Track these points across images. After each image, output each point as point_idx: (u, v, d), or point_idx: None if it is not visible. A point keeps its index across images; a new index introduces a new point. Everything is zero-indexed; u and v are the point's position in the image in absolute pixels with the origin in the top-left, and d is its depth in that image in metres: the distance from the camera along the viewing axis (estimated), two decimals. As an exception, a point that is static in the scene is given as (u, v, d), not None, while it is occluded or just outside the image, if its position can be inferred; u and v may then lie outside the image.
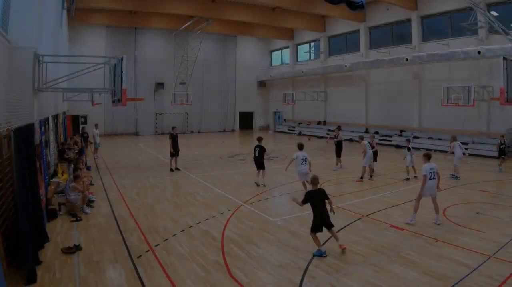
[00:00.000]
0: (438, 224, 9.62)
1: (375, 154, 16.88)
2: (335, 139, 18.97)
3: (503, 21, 15.80)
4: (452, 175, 15.84)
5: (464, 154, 16.35)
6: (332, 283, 6.62)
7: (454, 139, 16.39)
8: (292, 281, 6.71)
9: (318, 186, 8.19)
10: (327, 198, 8.02)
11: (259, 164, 14.76)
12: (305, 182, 12.76)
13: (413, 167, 15.78)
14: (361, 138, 16.44)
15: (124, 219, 10.42)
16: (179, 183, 15.50)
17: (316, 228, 7.87)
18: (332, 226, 7.91)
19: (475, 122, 24.57)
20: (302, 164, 12.87)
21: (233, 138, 36.12)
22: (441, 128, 26.37)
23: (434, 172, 9.83)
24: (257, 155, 14.80)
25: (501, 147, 17.85)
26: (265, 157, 14.90)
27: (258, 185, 14.55)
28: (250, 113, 45.80)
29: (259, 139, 15.50)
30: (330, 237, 8.19)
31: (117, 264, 7.37)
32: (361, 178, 15.57)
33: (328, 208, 8.02)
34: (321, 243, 7.95)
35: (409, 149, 16.06)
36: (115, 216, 10.71)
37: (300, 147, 13.40)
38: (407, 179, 15.68)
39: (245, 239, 8.83)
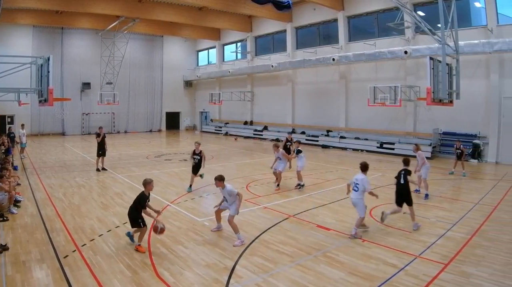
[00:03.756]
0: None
1: None
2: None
3: (429, 21, 15.26)
4: (418, 190, 12.83)
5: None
6: (259, 283, 6.55)
7: (419, 147, 13.48)
8: (218, 281, 6.64)
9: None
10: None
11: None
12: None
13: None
14: (277, 146, 14.20)
15: (50, 219, 10.12)
16: (105, 183, 15.13)
17: None
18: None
19: (401, 123, 24.26)
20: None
21: (159, 139, 35.56)
22: (368, 129, 26.02)
23: None
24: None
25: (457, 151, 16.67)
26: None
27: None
28: (177, 113, 45.07)
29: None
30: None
31: (43, 264, 7.20)
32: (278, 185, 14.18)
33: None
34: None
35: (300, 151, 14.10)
36: (41, 216, 10.36)
37: None
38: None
39: (172, 239, 8.69)
